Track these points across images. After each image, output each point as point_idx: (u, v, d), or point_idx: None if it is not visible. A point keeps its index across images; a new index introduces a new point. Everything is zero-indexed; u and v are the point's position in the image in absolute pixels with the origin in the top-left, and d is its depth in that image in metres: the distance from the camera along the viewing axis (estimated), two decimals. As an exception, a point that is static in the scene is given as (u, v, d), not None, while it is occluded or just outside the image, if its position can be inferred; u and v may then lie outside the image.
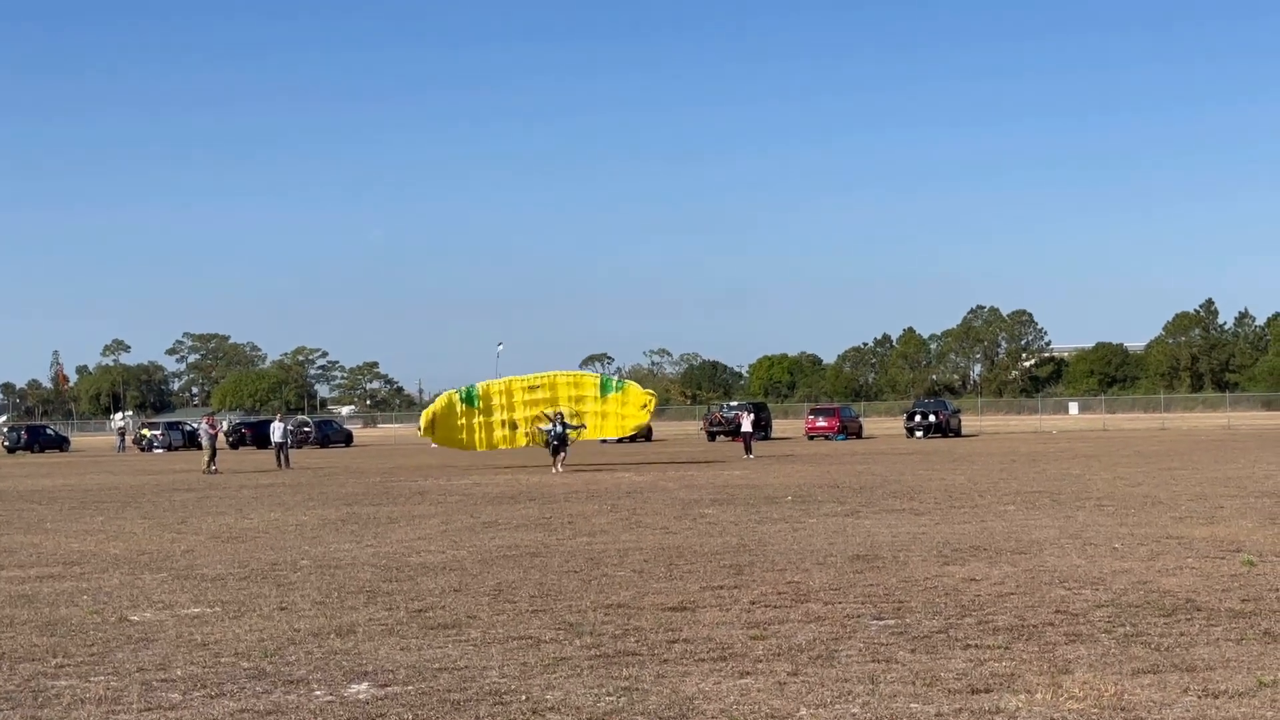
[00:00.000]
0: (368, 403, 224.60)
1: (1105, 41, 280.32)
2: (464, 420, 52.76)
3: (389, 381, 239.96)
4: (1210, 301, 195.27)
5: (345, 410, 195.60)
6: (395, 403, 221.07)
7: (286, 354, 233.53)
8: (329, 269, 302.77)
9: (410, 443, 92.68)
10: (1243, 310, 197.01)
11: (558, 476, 42.62)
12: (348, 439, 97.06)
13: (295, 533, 24.12)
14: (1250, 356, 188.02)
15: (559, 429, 47.62)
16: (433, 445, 61.74)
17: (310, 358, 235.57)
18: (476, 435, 53.20)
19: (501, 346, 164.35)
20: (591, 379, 57.99)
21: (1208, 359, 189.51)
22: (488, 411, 52.70)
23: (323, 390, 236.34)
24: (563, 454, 47.09)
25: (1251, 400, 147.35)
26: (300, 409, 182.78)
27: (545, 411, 51.10)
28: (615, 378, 62.48)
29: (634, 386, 57.83)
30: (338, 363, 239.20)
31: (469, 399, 52.52)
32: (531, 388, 53.00)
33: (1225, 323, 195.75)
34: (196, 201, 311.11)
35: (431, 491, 35.80)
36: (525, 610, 14.17)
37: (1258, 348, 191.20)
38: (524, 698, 9.97)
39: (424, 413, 56.88)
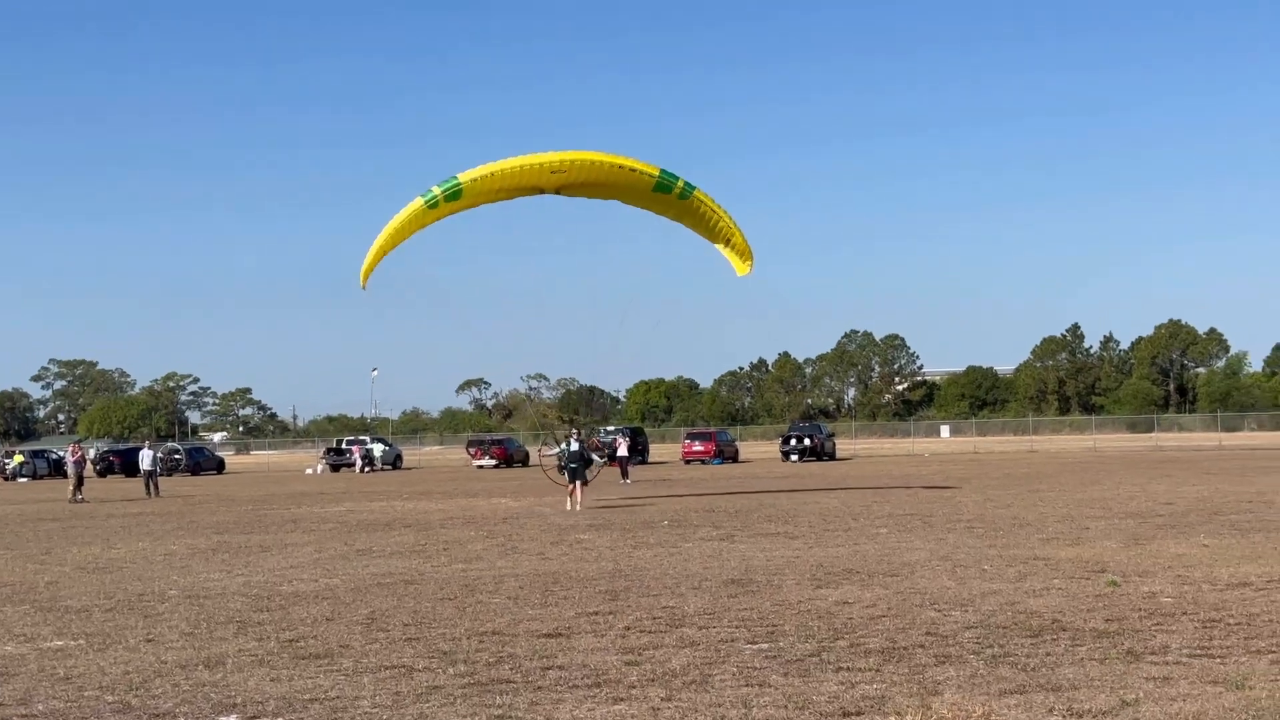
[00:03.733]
0: (240, 429, 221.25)
1: (962, 61, 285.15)
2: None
3: (263, 408, 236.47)
4: (1076, 326, 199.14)
5: (217, 437, 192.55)
6: (269, 429, 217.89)
7: (156, 380, 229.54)
8: (201, 293, 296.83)
9: (284, 470, 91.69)
10: (1107, 334, 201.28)
11: (575, 514, 34.35)
12: (219, 466, 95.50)
13: (164, 562, 23.69)
14: (1115, 380, 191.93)
15: (574, 447, 37.08)
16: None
17: (181, 384, 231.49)
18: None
19: (376, 372, 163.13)
20: (647, 172, 35.64)
21: (1074, 382, 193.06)
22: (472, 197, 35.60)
23: (194, 417, 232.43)
24: (581, 480, 36.54)
25: (1116, 423, 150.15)
26: (170, 436, 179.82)
27: (556, 433, 44.69)
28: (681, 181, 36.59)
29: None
30: (210, 389, 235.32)
31: (453, 195, 34.46)
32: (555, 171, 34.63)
33: (1091, 347, 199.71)
34: (62, 224, 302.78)
35: (304, 519, 35.39)
36: (398, 638, 14.05)
37: (1122, 371, 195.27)
38: (396, 728, 9.91)
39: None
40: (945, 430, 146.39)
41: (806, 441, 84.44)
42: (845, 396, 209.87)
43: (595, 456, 39.48)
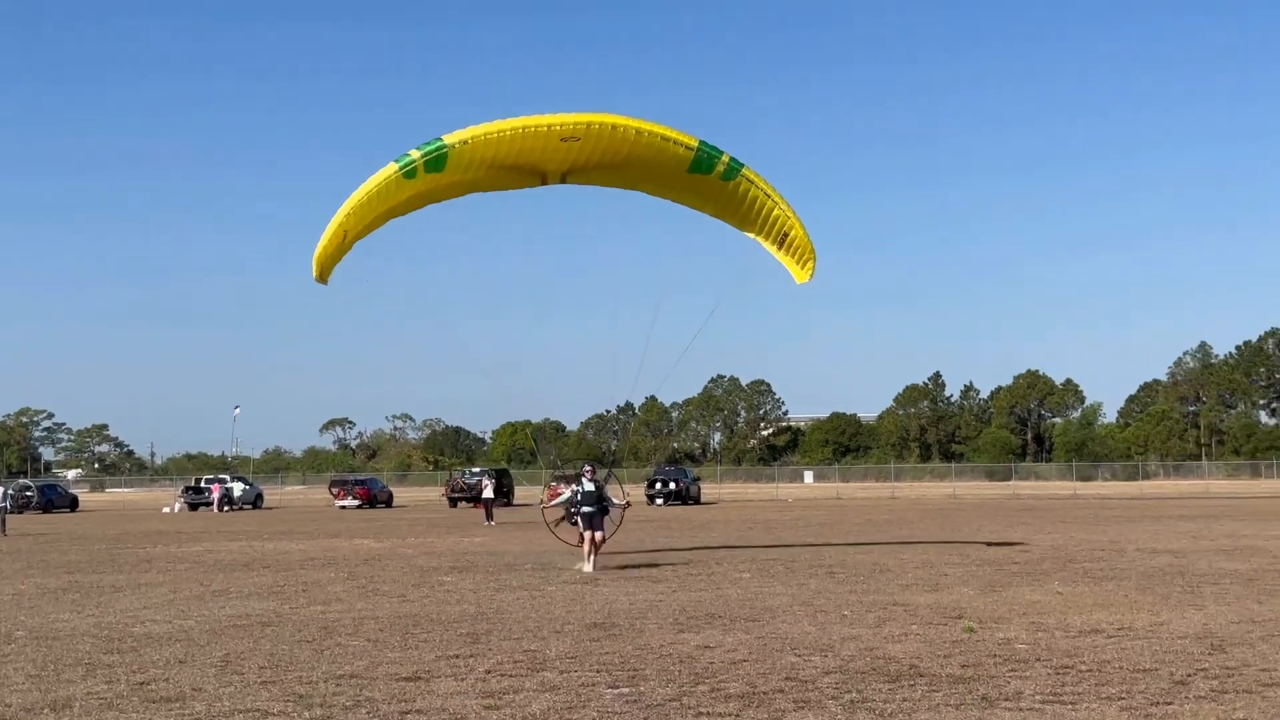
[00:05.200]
0: (96, 466, 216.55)
1: (833, 122, 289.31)
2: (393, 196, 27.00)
3: (119, 445, 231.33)
4: (938, 374, 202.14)
5: (71, 474, 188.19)
6: (126, 466, 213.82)
7: (9, 415, 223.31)
8: (56, 327, 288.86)
9: (141, 508, 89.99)
10: (968, 383, 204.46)
11: (586, 573, 27.61)
12: (73, 504, 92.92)
13: (11, 602, 23.06)
14: (975, 428, 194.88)
15: (588, 487, 28.99)
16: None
17: (35, 419, 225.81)
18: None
19: (238, 410, 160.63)
20: (684, 143, 27.33)
21: (935, 430, 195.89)
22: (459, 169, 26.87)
23: (48, 453, 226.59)
24: (600, 534, 28.80)
25: (975, 470, 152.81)
26: (23, 472, 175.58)
27: (565, 470, 33.53)
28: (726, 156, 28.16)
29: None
30: (64, 424, 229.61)
31: (435, 162, 26.03)
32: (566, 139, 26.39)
33: (952, 395, 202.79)
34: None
35: (159, 559, 34.67)
36: (254, 681, 13.84)
37: (981, 420, 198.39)
38: (249, 773, 9.75)
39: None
40: (809, 476, 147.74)
41: (672, 485, 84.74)
42: (711, 441, 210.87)
43: (615, 500, 30.21)
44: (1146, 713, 11.70)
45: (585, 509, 28.41)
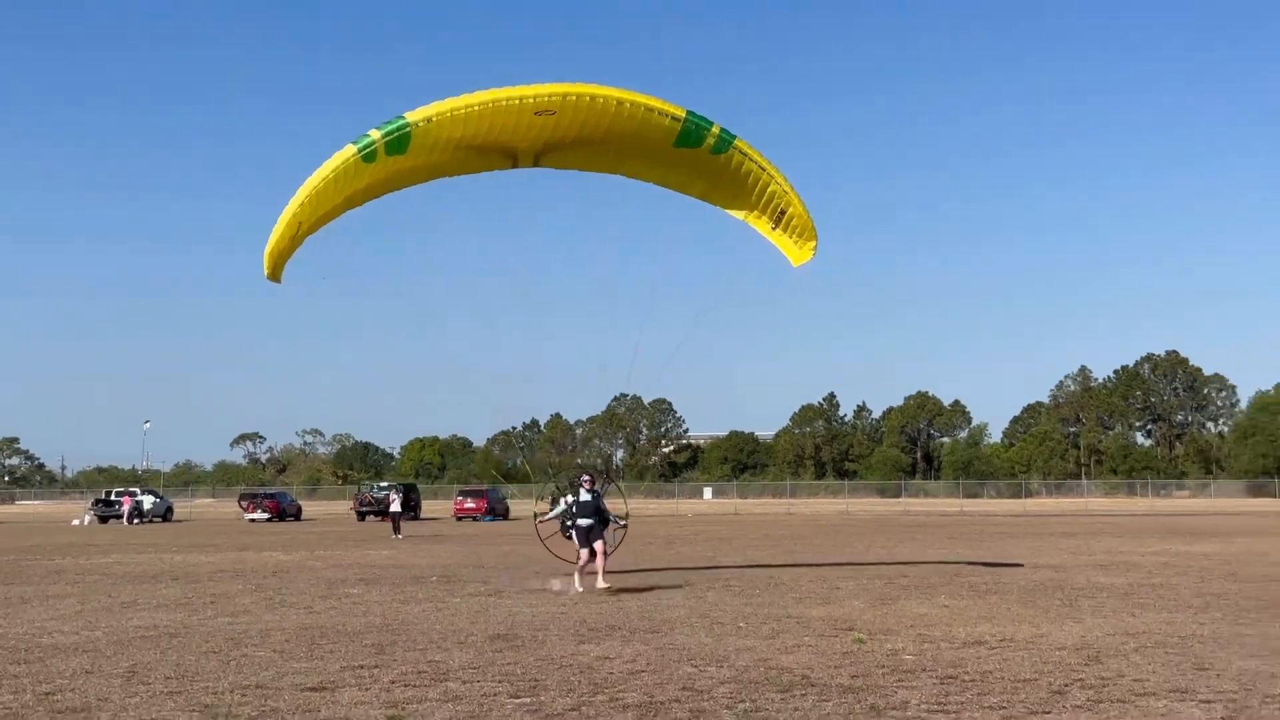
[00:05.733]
0: (6, 479, 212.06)
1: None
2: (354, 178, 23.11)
3: (29, 457, 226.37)
4: (832, 395, 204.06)
5: None
6: (36, 479, 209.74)
7: None
8: None
9: (50, 520, 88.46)
10: (861, 404, 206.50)
11: (575, 593, 25.11)
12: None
13: None
14: (867, 447, 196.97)
15: (585, 497, 25.74)
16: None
17: None
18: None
19: (148, 424, 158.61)
20: (670, 113, 23.44)
21: (829, 449, 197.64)
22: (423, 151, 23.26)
23: None
24: (599, 546, 25.68)
25: (868, 488, 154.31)
26: None
27: (560, 481, 29.69)
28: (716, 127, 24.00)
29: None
30: None
31: (397, 143, 22.45)
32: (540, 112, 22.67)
33: (845, 415, 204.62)
34: None
35: (68, 570, 34.14)
36: (160, 691, 13.66)
37: (873, 439, 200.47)
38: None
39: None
40: (708, 492, 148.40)
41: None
42: (614, 457, 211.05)
43: (615, 516, 26.99)
44: (1026, 721, 11.88)
45: (582, 521, 25.39)
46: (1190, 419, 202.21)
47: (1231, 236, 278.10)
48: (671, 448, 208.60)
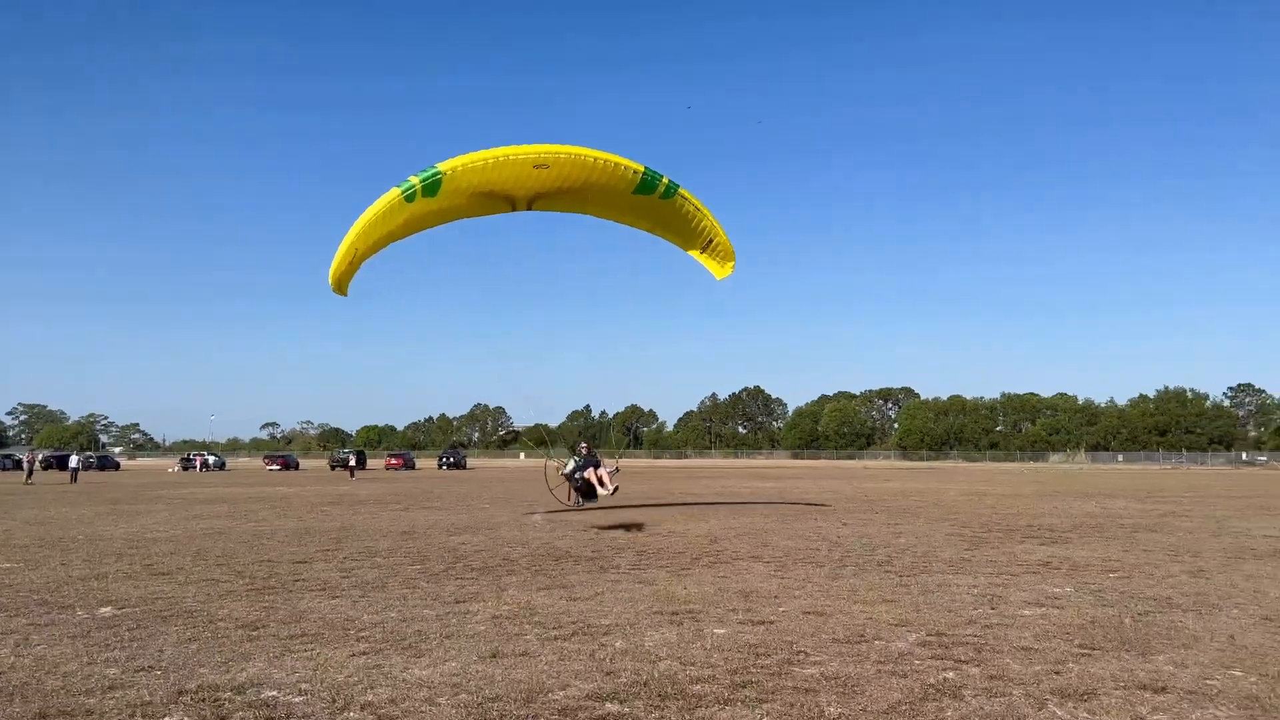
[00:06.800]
0: (131, 445, 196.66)
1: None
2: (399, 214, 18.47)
3: (144, 433, 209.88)
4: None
5: (117, 449, 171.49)
6: (148, 445, 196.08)
7: (82, 417, 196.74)
8: (127, 345, 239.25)
9: (155, 470, 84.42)
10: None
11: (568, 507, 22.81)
12: (117, 466, 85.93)
13: (76, 520, 21.83)
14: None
15: (585, 455, 22.19)
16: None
17: (96, 420, 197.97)
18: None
19: (214, 416, 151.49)
20: (631, 168, 19.25)
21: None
22: (448, 195, 18.60)
23: (104, 437, 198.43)
24: (604, 473, 21.93)
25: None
26: (88, 447, 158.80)
27: (575, 447, 23.32)
28: (665, 179, 19.38)
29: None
30: (114, 423, 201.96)
31: (431, 187, 18.11)
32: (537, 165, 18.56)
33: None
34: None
35: (163, 497, 32.69)
36: (212, 564, 13.91)
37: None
38: (221, 614, 10.21)
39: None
40: (523, 455, 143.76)
41: (453, 458, 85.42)
42: (472, 436, 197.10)
43: (608, 462, 22.45)
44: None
45: (583, 470, 21.80)
46: (763, 421, 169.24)
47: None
48: (505, 431, 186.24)
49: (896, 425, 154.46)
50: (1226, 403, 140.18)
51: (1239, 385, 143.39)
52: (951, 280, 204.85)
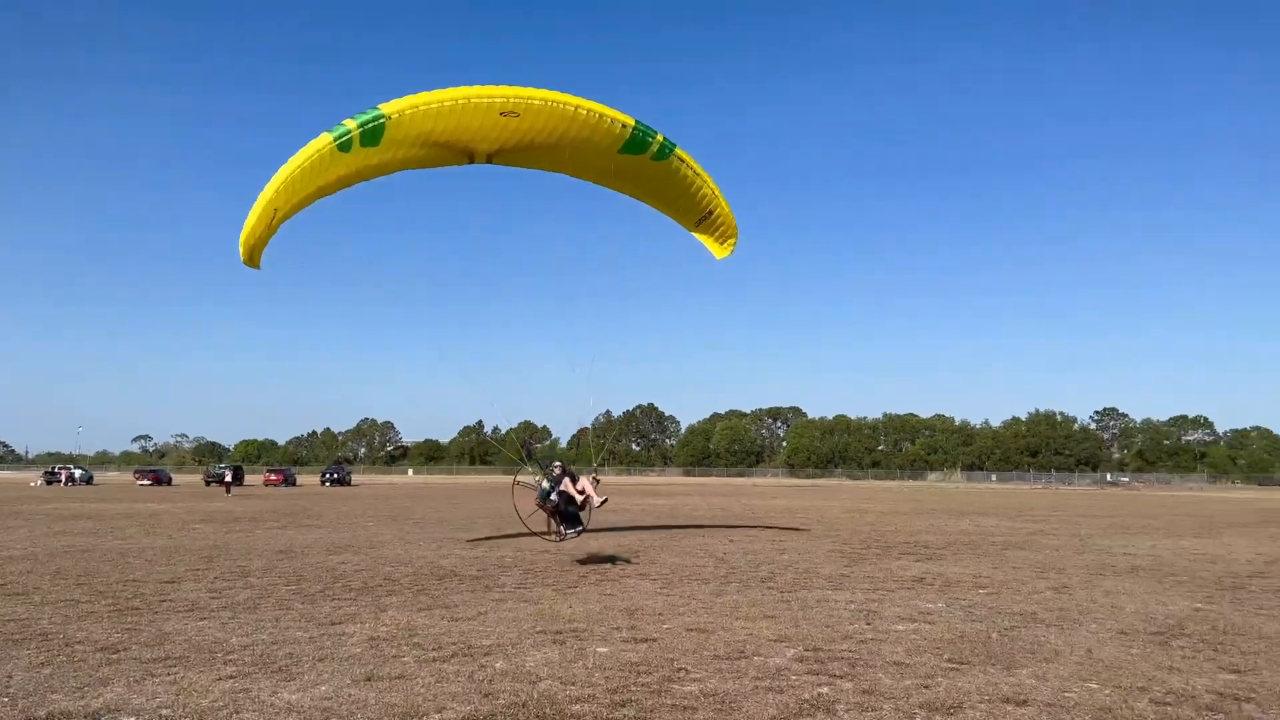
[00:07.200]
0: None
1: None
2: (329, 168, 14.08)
3: (5, 445, 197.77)
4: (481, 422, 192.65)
5: None
6: (10, 458, 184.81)
7: None
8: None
9: (14, 485, 79.56)
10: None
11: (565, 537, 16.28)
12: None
13: None
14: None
15: (557, 475, 16.07)
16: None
17: None
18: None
19: (81, 429, 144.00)
20: (619, 121, 15.23)
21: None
22: (393, 145, 14.41)
23: None
24: (584, 483, 15.90)
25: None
26: None
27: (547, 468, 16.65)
28: (660, 136, 15.18)
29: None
30: None
31: (372, 134, 13.94)
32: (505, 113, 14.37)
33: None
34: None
35: (24, 511, 31.08)
36: (72, 584, 13.23)
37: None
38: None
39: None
40: (410, 472, 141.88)
41: (336, 475, 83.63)
42: (358, 452, 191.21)
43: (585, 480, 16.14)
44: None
45: (560, 488, 15.80)
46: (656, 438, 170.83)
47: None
48: (393, 446, 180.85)
49: (785, 444, 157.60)
50: (1093, 426, 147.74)
51: (1104, 409, 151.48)
52: (839, 303, 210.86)
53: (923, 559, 17.82)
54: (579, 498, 15.48)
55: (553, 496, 15.67)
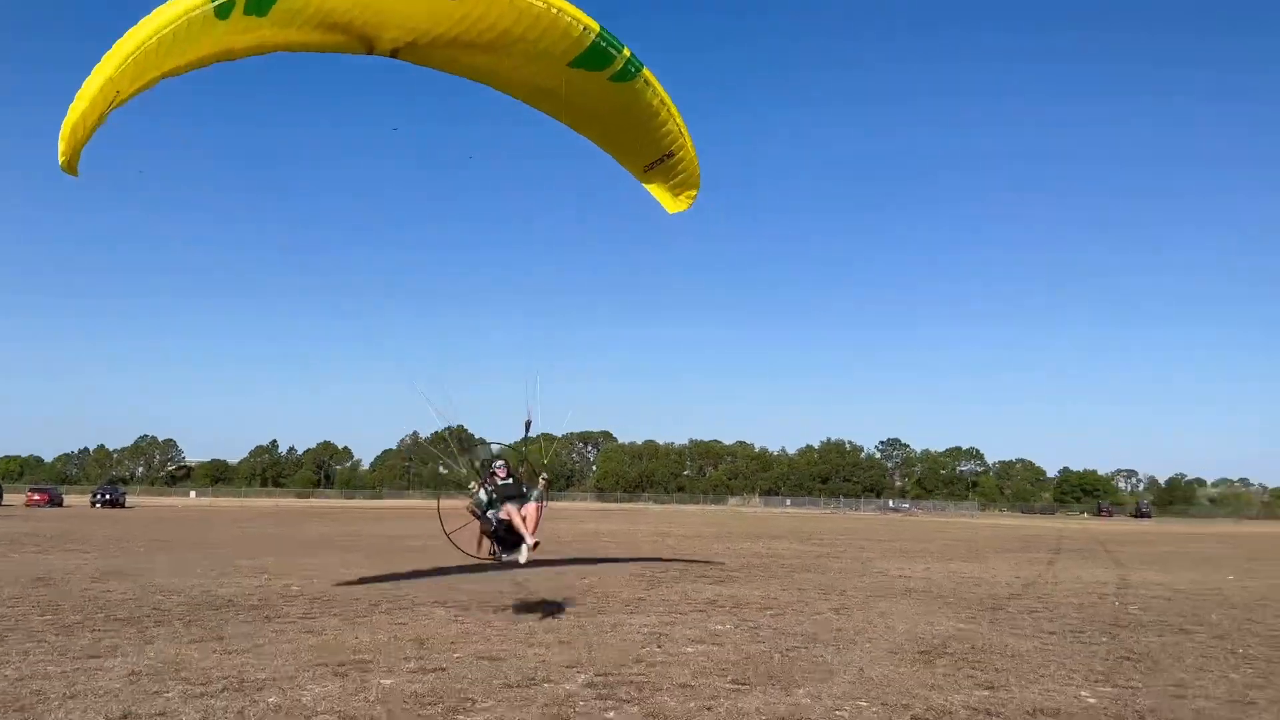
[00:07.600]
0: None
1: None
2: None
3: None
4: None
5: None
6: None
7: None
8: None
9: None
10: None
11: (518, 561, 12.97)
12: None
13: None
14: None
15: (502, 482, 13.09)
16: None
17: None
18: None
19: None
20: (581, 23, 11.49)
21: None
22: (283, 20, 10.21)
23: None
24: (530, 509, 12.70)
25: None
26: None
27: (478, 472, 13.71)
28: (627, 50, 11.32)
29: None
30: None
31: (260, 2, 9.76)
32: None
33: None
34: None
35: None
36: None
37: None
38: None
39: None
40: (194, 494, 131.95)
41: (109, 495, 77.69)
42: (135, 471, 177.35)
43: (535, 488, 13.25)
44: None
45: (509, 504, 12.83)
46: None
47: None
48: (175, 466, 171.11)
49: (595, 467, 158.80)
50: (878, 455, 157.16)
51: (889, 440, 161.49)
52: (650, 331, 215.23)
53: (716, 582, 18.35)
54: (520, 525, 12.60)
55: (489, 514, 12.89)
